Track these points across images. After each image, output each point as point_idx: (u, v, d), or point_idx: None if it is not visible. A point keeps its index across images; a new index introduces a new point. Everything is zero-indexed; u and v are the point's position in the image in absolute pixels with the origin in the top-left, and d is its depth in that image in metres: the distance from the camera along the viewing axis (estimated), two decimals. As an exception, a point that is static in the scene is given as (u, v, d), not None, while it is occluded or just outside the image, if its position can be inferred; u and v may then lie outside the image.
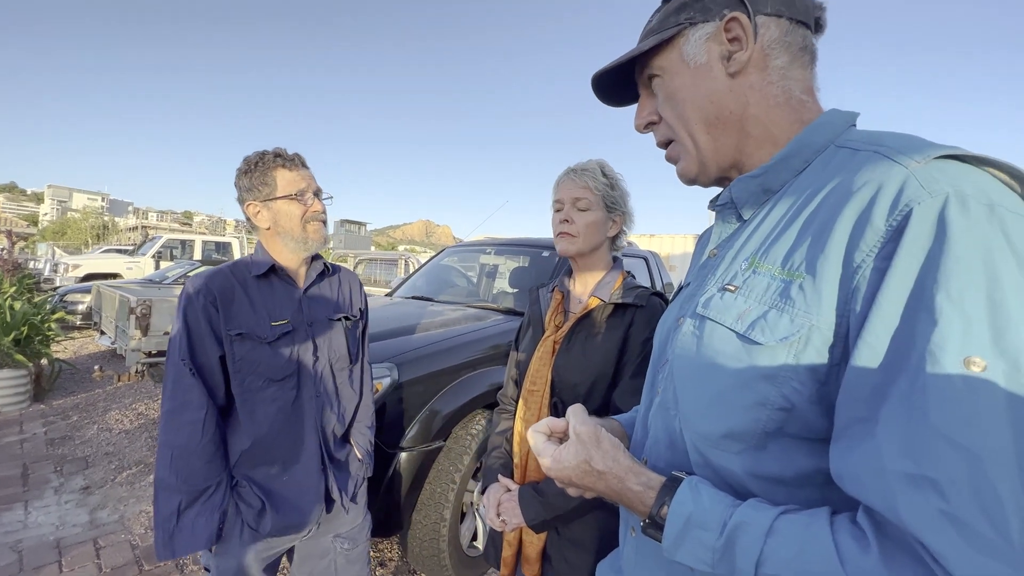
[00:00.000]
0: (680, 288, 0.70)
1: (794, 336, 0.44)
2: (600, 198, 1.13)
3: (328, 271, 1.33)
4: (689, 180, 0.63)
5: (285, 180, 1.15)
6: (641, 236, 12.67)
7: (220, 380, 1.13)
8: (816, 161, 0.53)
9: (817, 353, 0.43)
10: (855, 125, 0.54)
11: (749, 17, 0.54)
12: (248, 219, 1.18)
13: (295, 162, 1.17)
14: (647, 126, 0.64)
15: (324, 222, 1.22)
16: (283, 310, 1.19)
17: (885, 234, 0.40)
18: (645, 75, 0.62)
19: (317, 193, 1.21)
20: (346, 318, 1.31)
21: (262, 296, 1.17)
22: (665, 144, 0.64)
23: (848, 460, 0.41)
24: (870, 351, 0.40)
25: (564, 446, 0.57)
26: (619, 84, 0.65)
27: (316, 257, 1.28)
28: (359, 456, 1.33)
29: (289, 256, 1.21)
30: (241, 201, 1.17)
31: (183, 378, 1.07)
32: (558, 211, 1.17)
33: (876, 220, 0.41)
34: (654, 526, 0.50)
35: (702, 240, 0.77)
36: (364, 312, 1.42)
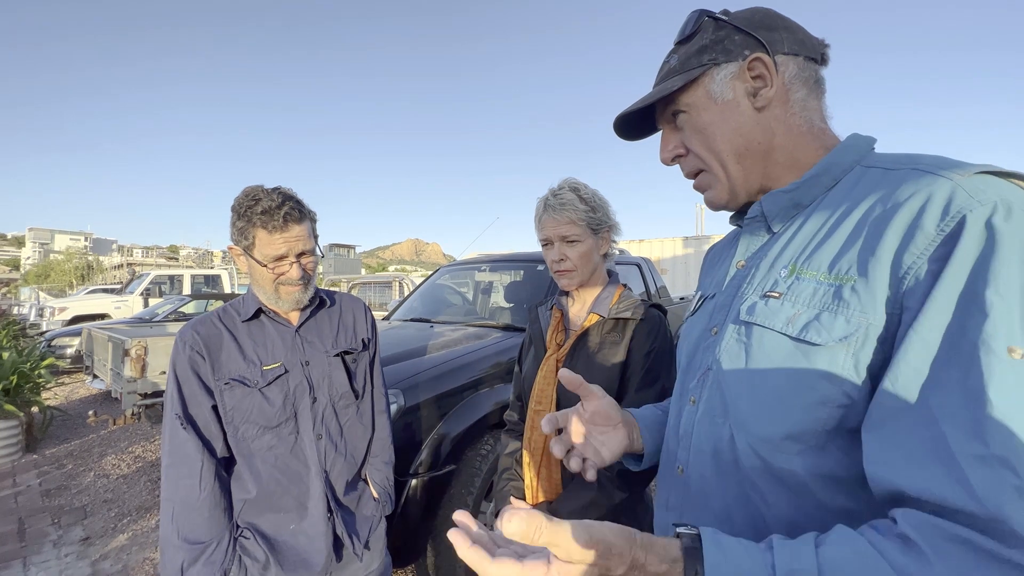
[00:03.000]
0: (702, 300, 0.71)
1: (853, 335, 0.47)
2: (585, 226, 1.14)
3: (327, 302, 1.26)
4: (719, 207, 0.67)
5: (263, 242, 1.05)
6: (631, 242, 12.78)
7: (217, 431, 1.09)
8: (844, 179, 0.56)
9: (874, 350, 0.46)
10: (874, 148, 0.59)
11: (771, 55, 0.58)
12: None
13: (278, 224, 1.04)
14: (675, 159, 0.68)
15: (306, 284, 1.13)
16: (276, 352, 1.14)
17: (936, 238, 0.44)
18: (669, 112, 0.65)
19: (302, 255, 1.10)
20: (346, 352, 1.24)
21: (253, 340, 1.13)
22: (694, 175, 0.67)
23: (899, 446, 0.42)
24: (922, 343, 0.42)
25: (558, 564, 0.41)
26: (638, 119, 0.69)
27: None
28: (375, 495, 1.26)
29: (271, 304, 1.16)
30: (230, 236, 1.12)
31: (177, 432, 1.05)
32: (546, 247, 1.18)
33: (927, 226, 0.44)
34: None
35: (713, 255, 0.79)
36: (371, 341, 1.33)
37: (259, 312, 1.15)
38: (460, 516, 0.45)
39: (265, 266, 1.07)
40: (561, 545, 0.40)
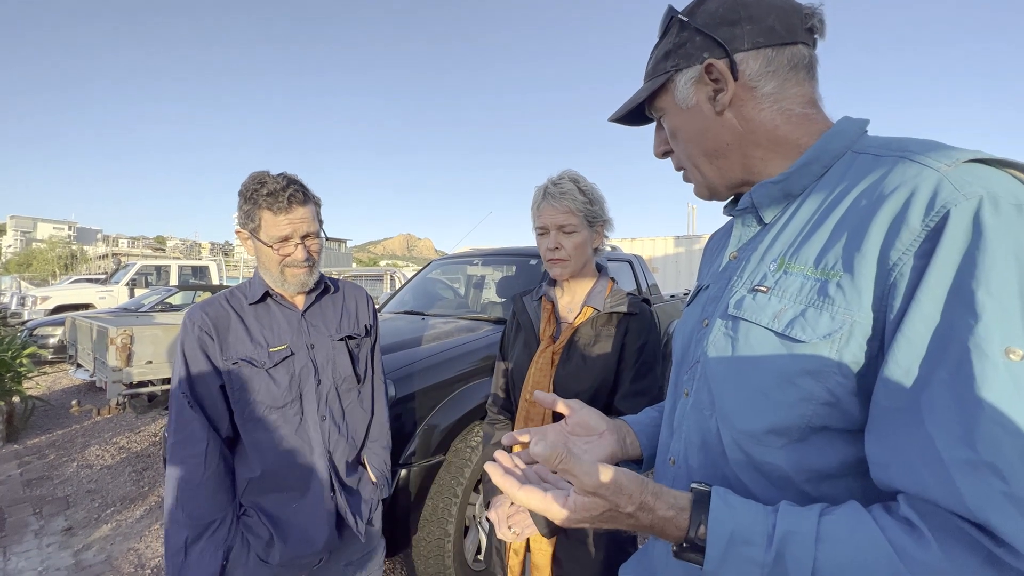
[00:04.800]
0: (698, 290, 0.71)
1: (837, 333, 0.46)
2: (583, 217, 1.15)
3: (331, 288, 1.29)
4: (704, 199, 0.68)
5: (268, 223, 1.09)
6: (623, 240, 12.83)
7: (223, 411, 1.11)
8: (835, 166, 0.55)
9: (859, 347, 0.45)
10: (866, 132, 0.57)
11: (728, 56, 0.56)
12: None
13: (283, 205, 1.07)
14: (664, 154, 0.69)
15: (310, 266, 1.16)
16: (282, 335, 1.16)
17: (921, 233, 0.43)
18: (651, 112, 0.67)
19: (307, 237, 1.13)
20: (350, 337, 1.27)
21: (259, 323, 1.16)
22: (680, 168, 0.68)
23: (893, 449, 0.42)
24: (908, 344, 0.41)
25: (575, 495, 0.47)
26: (636, 110, 0.69)
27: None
28: (373, 479, 1.29)
29: (277, 287, 1.19)
30: (237, 221, 1.15)
31: (184, 411, 1.07)
32: (542, 235, 1.19)
33: (912, 220, 0.43)
34: (692, 549, 0.46)
35: (713, 243, 0.79)
36: (372, 327, 1.37)
37: (266, 295, 1.18)
38: (499, 454, 0.53)
39: (271, 247, 1.10)
40: (577, 476, 0.46)
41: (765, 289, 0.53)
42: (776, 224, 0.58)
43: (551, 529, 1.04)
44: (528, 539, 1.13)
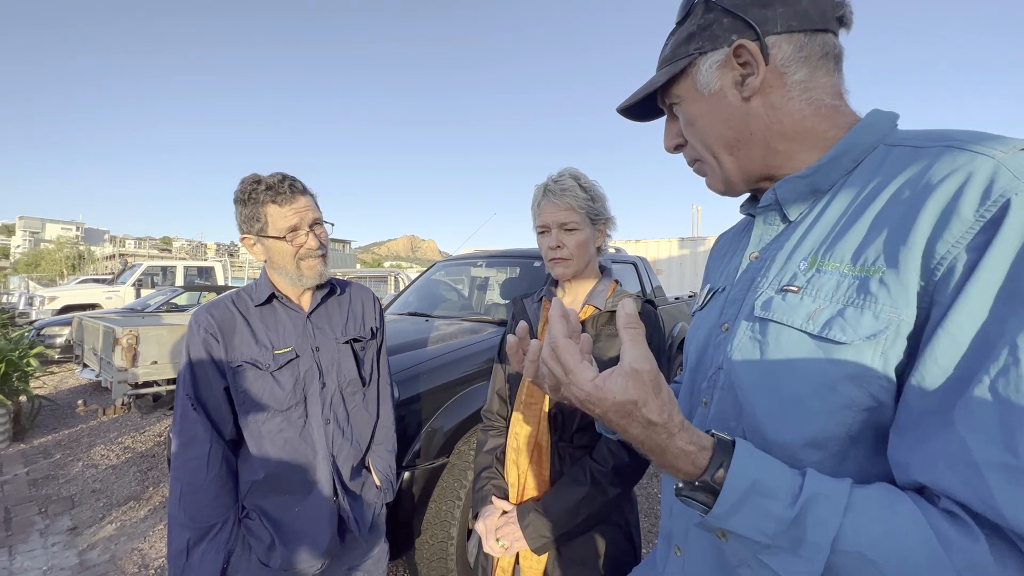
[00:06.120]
0: (712, 294, 0.68)
1: (883, 333, 0.43)
2: (584, 215, 1.11)
3: (337, 290, 1.29)
4: (719, 193, 0.64)
5: (275, 216, 1.08)
6: (627, 242, 12.81)
7: (227, 413, 1.10)
8: (866, 161, 0.52)
9: (904, 349, 0.43)
10: (897, 125, 0.54)
11: (759, 38, 0.53)
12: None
13: (286, 195, 1.08)
14: (676, 147, 0.65)
15: (323, 256, 1.16)
16: (287, 337, 1.16)
17: (975, 224, 0.39)
18: (665, 101, 0.63)
19: (315, 225, 1.14)
20: (355, 340, 1.26)
21: (265, 325, 1.15)
22: (693, 162, 0.65)
23: (922, 451, 0.40)
24: (951, 341, 0.39)
25: (610, 374, 0.44)
26: (645, 102, 0.66)
27: None
28: (377, 483, 1.27)
29: (288, 287, 1.18)
30: (239, 230, 1.14)
31: (188, 413, 1.06)
32: (542, 234, 1.15)
33: (964, 210, 0.40)
34: (705, 489, 0.43)
35: (722, 244, 0.76)
36: (379, 329, 1.36)
37: (271, 297, 1.17)
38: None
39: (283, 238, 1.09)
40: (638, 345, 0.45)
41: (796, 289, 0.50)
42: (803, 221, 0.55)
43: (541, 543, 1.00)
44: (517, 554, 1.07)
